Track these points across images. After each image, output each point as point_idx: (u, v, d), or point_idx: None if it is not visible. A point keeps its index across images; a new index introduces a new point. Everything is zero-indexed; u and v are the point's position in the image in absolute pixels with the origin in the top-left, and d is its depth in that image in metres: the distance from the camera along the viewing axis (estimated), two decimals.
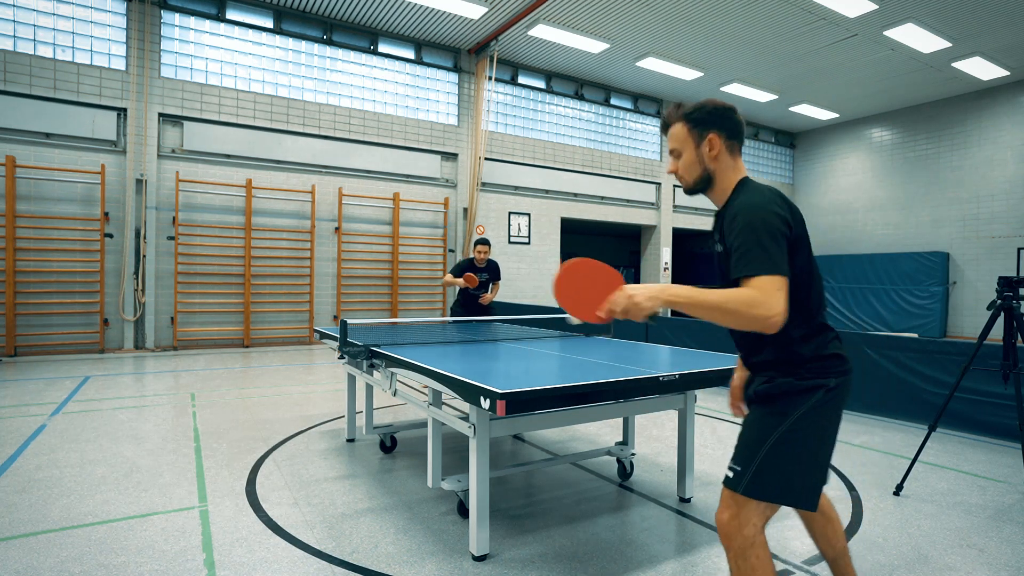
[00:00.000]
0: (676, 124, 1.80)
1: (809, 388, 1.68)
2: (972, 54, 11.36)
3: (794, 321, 1.66)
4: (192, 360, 8.30)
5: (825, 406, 1.69)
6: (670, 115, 1.82)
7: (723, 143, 1.75)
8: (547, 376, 2.59)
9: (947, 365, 5.00)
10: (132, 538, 2.68)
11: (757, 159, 17.00)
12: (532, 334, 4.52)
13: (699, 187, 1.81)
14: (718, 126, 1.75)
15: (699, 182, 1.80)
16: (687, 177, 1.81)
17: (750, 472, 1.65)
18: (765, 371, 1.76)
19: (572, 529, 2.88)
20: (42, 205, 8.46)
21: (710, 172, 1.77)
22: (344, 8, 10.14)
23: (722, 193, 1.78)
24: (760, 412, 1.72)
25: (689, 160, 1.79)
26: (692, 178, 1.80)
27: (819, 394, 1.68)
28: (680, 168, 1.82)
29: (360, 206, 10.93)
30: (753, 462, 1.66)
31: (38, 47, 8.46)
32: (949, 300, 13.86)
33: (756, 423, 1.72)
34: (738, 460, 1.69)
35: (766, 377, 1.75)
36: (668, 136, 1.84)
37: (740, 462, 1.69)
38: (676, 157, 1.82)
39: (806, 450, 1.67)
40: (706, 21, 10.32)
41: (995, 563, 2.57)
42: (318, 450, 4.13)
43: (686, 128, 1.79)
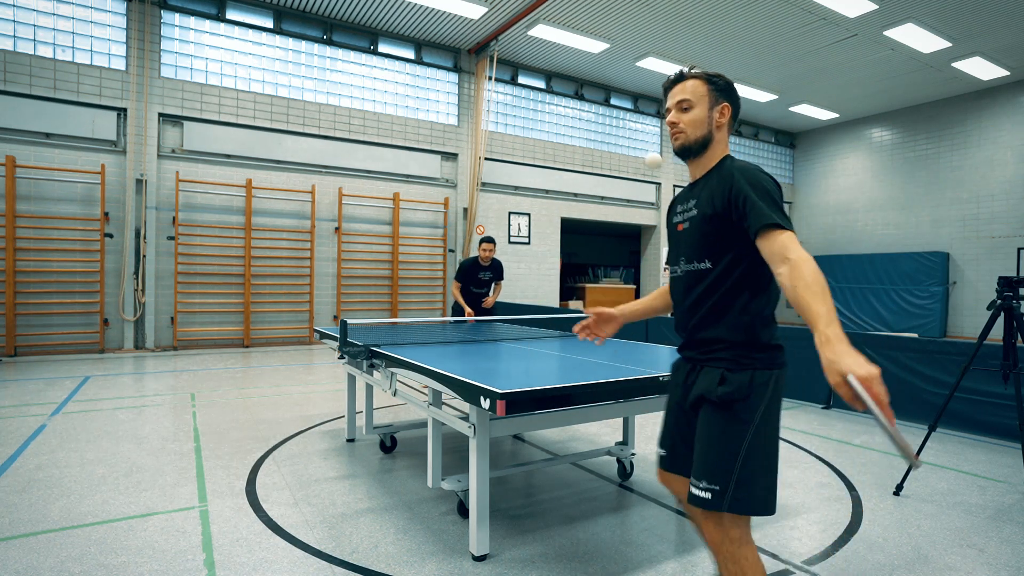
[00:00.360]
0: (695, 80, 1.79)
1: (763, 383, 1.65)
2: (972, 54, 11.36)
3: (760, 301, 1.68)
4: (192, 360, 8.31)
5: (774, 400, 1.67)
6: (690, 72, 1.81)
7: (730, 117, 1.80)
8: (547, 376, 2.59)
9: (947, 365, 5.00)
10: (132, 538, 2.68)
11: (757, 159, 16.99)
12: (532, 334, 4.52)
13: (696, 147, 1.78)
14: (731, 100, 1.81)
15: (699, 141, 1.77)
16: (691, 132, 1.77)
17: (731, 489, 1.61)
18: (715, 352, 1.71)
19: (572, 529, 2.88)
20: (42, 205, 8.46)
21: (711, 136, 1.77)
22: (344, 8, 10.14)
23: (707, 162, 1.79)
24: (721, 418, 1.65)
25: (700, 116, 1.77)
26: (696, 135, 1.77)
27: (771, 388, 1.66)
28: (686, 121, 1.77)
29: (360, 206, 10.94)
30: (731, 478, 1.61)
31: (38, 47, 8.46)
32: (949, 300, 13.86)
33: (721, 434, 1.64)
34: (712, 478, 1.62)
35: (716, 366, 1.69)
36: (679, 89, 1.80)
37: (715, 480, 1.62)
38: (683, 110, 1.78)
39: (771, 452, 1.66)
40: (706, 21, 10.32)
41: (995, 563, 2.57)
42: (318, 450, 4.13)
43: (706, 87, 1.79)
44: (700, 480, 1.64)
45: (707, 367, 1.72)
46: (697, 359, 1.78)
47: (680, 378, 1.85)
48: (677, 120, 1.78)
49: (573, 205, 13.56)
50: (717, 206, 1.66)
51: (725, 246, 1.68)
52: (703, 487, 1.63)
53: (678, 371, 1.89)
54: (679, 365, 1.90)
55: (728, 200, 1.63)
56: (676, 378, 1.89)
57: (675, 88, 1.82)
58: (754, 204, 1.56)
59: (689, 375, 1.80)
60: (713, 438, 1.65)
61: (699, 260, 1.73)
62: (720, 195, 1.66)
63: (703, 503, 1.63)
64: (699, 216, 1.73)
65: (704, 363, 1.74)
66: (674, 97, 1.81)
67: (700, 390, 1.72)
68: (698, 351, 1.77)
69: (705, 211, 1.71)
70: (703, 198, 1.73)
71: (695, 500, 1.65)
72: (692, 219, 1.76)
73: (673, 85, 1.84)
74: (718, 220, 1.67)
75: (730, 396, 1.63)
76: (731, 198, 1.62)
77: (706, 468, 1.64)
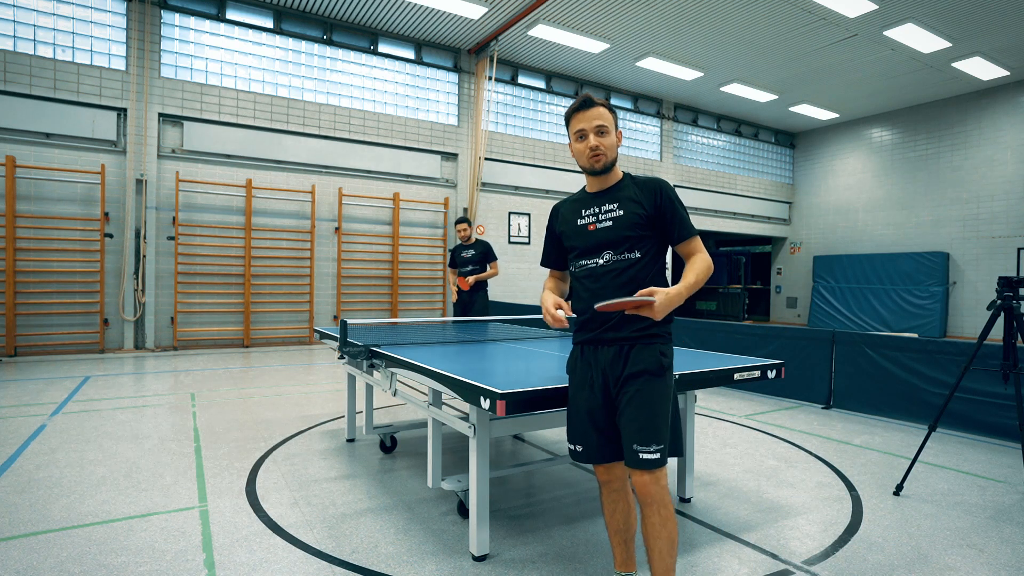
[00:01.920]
0: (603, 108, 2.07)
1: (672, 351, 2.10)
2: (972, 54, 11.36)
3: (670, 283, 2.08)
4: (192, 360, 8.31)
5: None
6: (594, 99, 2.07)
7: None
8: (547, 376, 2.60)
9: (947, 365, 5.00)
10: (132, 538, 2.68)
11: (757, 159, 17.00)
12: (532, 334, 4.53)
13: (610, 166, 2.10)
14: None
15: (613, 161, 2.10)
16: (610, 155, 2.07)
17: (667, 447, 1.97)
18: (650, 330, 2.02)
19: (572, 529, 2.88)
20: (42, 205, 8.46)
21: (615, 158, 2.11)
22: (344, 8, 10.14)
23: (613, 176, 2.13)
24: (653, 385, 1.98)
25: (613, 140, 2.08)
26: (612, 156, 2.08)
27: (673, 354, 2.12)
28: (607, 145, 2.05)
29: (360, 206, 10.93)
30: (665, 437, 1.97)
31: (38, 47, 8.46)
32: (949, 300, 13.86)
33: (656, 399, 1.97)
34: (655, 440, 1.93)
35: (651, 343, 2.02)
36: (594, 115, 2.05)
37: (661, 439, 1.95)
38: (600, 134, 2.05)
39: (676, 405, 2.11)
40: (706, 21, 10.32)
41: (995, 563, 2.57)
42: (318, 450, 4.13)
43: (612, 116, 2.10)
44: (649, 445, 1.93)
45: (640, 344, 2.02)
46: (627, 339, 2.03)
47: (602, 363, 2.06)
48: (598, 144, 2.05)
49: None
50: (648, 208, 2.05)
51: (649, 239, 2.07)
52: (653, 450, 1.93)
53: (594, 356, 2.08)
54: (594, 351, 2.09)
55: (656, 206, 2.05)
56: (592, 367, 2.08)
57: (588, 112, 2.06)
58: (682, 219, 2.07)
59: (617, 357, 2.03)
60: (655, 405, 1.96)
61: (629, 251, 2.06)
62: (648, 201, 2.05)
63: (655, 464, 1.93)
64: (627, 216, 2.05)
65: (636, 341, 2.03)
66: (590, 121, 2.05)
67: (640, 366, 1.99)
68: (630, 330, 2.03)
69: (635, 211, 2.05)
70: (626, 202, 2.07)
71: (647, 463, 1.92)
72: (617, 219, 2.07)
73: (584, 109, 2.07)
74: (647, 219, 2.05)
75: (663, 365, 2.01)
76: (659, 204, 2.05)
77: (653, 433, 1.94)
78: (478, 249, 6.34)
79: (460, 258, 6.41)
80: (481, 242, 6.38)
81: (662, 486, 1.95)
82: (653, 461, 1.92)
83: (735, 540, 2.77)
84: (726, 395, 6.41)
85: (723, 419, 5.28)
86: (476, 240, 6.41)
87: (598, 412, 2.06)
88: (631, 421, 1.95)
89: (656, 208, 2.05)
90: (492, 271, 6.32)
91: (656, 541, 1.96)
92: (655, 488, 1.94)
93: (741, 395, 6.43)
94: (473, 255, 6.33)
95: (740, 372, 2.74)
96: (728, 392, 6.55)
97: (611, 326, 2.05)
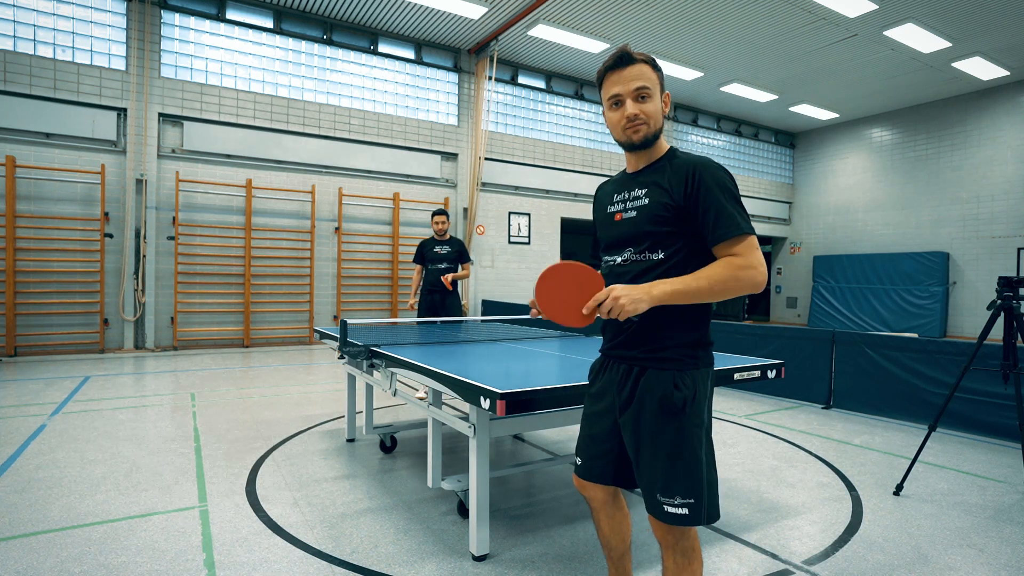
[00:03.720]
0: (645, 65, 1.61)
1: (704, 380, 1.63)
2: (972, 54, 11.36)
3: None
4: (192, 360, 8.30)
5: (711, 397, 1.67)
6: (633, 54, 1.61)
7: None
8: (547, 376, 2.60)
9: (947, 365, 5.00)
10: (132, 538, 2.68)
11: (757, 159, 17.00)
12: (532, 334, 4.52)
13: (652, 140, 1.65)
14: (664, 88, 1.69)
15: (657, 133, 1.65)
16: (653, 124, 1.62)
17: (706, 500, 1.57)
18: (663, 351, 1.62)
19: (572, 529, 2.88)
20: (42, 205, 8.46)
21: (663, 127, 1.66)
22: (344, 8, 10.14)
23: (655, 152, 1.69)
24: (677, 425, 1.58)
25: (658, 108, 1.63)
26: (657, 127, 1.64)
27: (710, 386, 1.66)
28: (649, 112, 1.61)
29: (360, 206, 10.93)
30: (703, 489, 1.57)
31: (38, 47, 8.46)
32: (949, 300, 13.86)
33: (682, 442, 1.57)
34: (686, 492, 1.55)
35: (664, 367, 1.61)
36: (633, 74, 1.59)
37: (690, 493, 1.55)
38: (640, 99, 1.60)
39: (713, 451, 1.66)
40: (706, 21, 10.32)
41: (995, 563, 2.57)
42: (318, 450, 4.13)
43: (656, 74, 1.63)
44: (672, 496, 1.55)
45: (652, 369, 1.63)
46: (638, 359, 1.66)
47: (613, 381, 1.73)
48: (638, 112, 1.60)
49: (573, 205, 13.56)
50: (676, 197, 1.58)
51: (678, 237, 1.61)
52: (678, 503, 1.55)
53: (607, 373, 1.76)
54: (607, 367, 1.77)
55: (687, 194, 1.57)
56: (605, 382, 1.76)
57: (625, 72, 1.60)
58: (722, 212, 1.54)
59: (625, 380, 1.68)
60: (675, 446, 1.57)
61: (651, 251, 1.63)
62: (678, 187, 1.58)
63: (680, 520, 1.55)
64: (650, 205, 1.62)
65: (647, 364, 1.64)
66: (628, 83, 1.59)
67: (647, 398, 1.61)
68: (640, 350, 1.65)
69: (661, 199, 1.61)
70: (654, 188, 1.63)
71: (670, 518, 1.56)
72: (640, 208, 1.65)
73: (620, 68, 1.61)
74: (674, 211, 1.59)
75: (684, 400, 1.58)
76: (692, 192, 1.57)
77: (677, 482, 1.56)
78: (454, 247, 5.78)
79: (432, 254, 5.74)
80: (456, 240, 5.86)
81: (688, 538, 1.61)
82: (681, 517, 1.55)
83: (735, 540, 2.77)
84: (726, 395, 6.41)
85: (723, 419, 5.28)
86: (450, 237, 5.84)
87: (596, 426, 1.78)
88: (649, 467, 1.60)
89: (686, 196, 1.57)
90: (465, 272, 5.80)
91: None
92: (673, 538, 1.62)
93: (741, 395, 6.43)
94: (448, 252, 5.74)
95: (740, 372, 2.74)
96: (728, 392, 6.55)
97: (623, 340, 1.69)
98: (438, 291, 5.73)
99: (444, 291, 5.73)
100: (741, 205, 1.57)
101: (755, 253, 1.53)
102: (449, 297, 5.76)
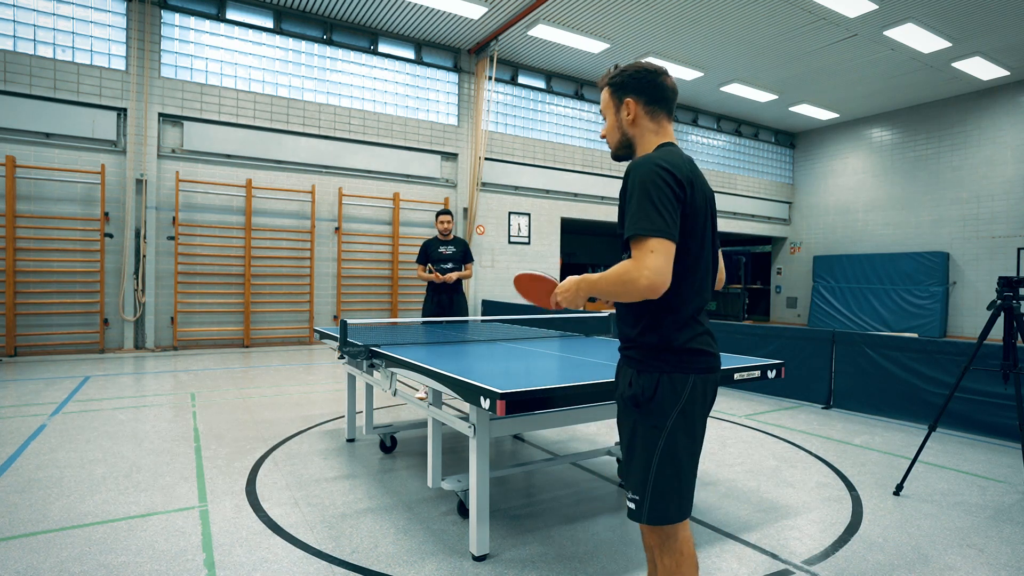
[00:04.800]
0: (603, 90, 1.80)
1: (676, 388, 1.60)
2: (972, 54, 11.36)
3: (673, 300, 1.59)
4: (192, 360, 8.30)
5: (692, 405, 1.61)
6: (601, 81, 1.81)
7: (641, 107, 1.70)
8: (547, 376, 2.60)
9: (947, 365, 5.00)
10: (132, 538, 2.68)
11: (757, 159, 17.00)
12: (532, 334, 4.53)
13: (621, 153, 1.79)
14: (636, 91, 1.71)
15: (620, 147, 1.78)
16: (612, 140, 1.79)
17: (648, 500, 1.61)
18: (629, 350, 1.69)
19: (572, 529, 2.88)
20: (42, 205, 8.46)
21: (629, 137, 1.74)
22: (344, 8, 10.14)
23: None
24: (632, 423, 1.64)
25: (611, 125, 1.78)
26: (613, 142, 1.79)
27: (686, 393, 1.60)
28: (606, 132, 1.81)
29: (360, 206, 10.93)
30: (647, 489, 1.61)
31: (38, 47, 8.46)
32: (949, 300, 13.86)
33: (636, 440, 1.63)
34: (635, 488, 1.63)
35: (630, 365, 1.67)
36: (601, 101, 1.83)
37: (637, 490, 1.62)
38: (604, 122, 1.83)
39: (684, 460, 1.62)
40: (706, 21, 10.31)
41: (995, 563, 2.57)
42: (318, 450, 4.13)
43: (609, 92, 1.78)
44: (627, 490, 1.66)
45: (623, 365, 1.72)
46: (621, 353, 1.76)
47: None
48: (603, 133, 1.83)
49: (573, 205, 13.56)
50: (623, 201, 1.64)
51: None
52: (630, 496, 1.65)
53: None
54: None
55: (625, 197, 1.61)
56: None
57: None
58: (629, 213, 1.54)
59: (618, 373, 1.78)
60: (631, 444, 1.65)
61: (625, 250, 1.63)
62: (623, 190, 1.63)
63: (632, 514, 1.64)
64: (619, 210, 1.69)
65: (623, 360, 1.73)
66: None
67: (618, 388, 1.71)
68: (620, 347, 1.76)
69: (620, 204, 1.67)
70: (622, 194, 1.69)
71: (629, 510, 1.66)
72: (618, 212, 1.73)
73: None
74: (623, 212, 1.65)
75: (635, 399, 1.62)
76: (625, 195, 1.61)
77: (629, 476, 1.65)
78: (459, 247, 5.82)
79: (437, 254, 5.78)
80: (460, 239, 5.89)
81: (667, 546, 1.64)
82: (630, 511, 1.65)
83: (735, 540, 2.77)
84: (726, 395, 6.41)
85: (723, 419, 5.28)
86: (454, 237, 5.89)
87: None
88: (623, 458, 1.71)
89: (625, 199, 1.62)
90: (468, 272, 5.84)
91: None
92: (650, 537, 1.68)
93: (741, 395, 6.43)
94: (454, 252, 5.79)
95: (740, 372, 2.74)
96: (728, 392, 6.55)
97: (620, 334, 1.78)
98: (446, 292, 5.78)
99: (452, 292, 5.79)
100: (651, 204, 1.50)
101: (645, 256, 1.47)
102: (457, 297, 5.82)
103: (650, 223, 1.48)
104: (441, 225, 5.80)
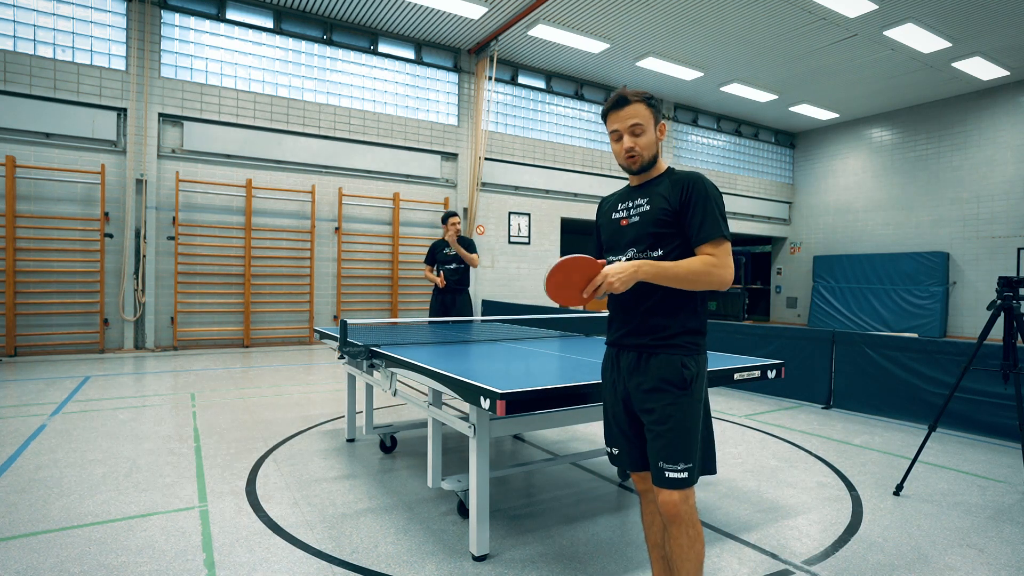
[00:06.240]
0: (639, 104, 1.91)
1: (704, 364, 1.92)
2: (972, 54, 11.36)
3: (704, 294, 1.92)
4: (192, 360, 8.30)
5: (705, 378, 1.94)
6: (631, 95, 1.90)
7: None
8: (547, 376, 2.60)
9: (947, 365, 5.00)
10: (132, 538, 2.68)
11: (757, 159, 16.99)
12: (532, 334, 4.53)
13: (649, 165, 1.95)
14: (661, 118, 1.98)
15: (651, 160, 1.95)
16: (646, 154, 1.93)
17: (698, 463, 1.85)
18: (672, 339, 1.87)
19: (572, 529, 2.88)
20: (42, 205, 8.46)
21: (658, 154, 1.96)
22: (344, 8, 10.14)
23: (654, 172, 1.98)
24: (679, 402, 1.83)
25: (651, 139, 1.93)
26: (650, 155, 1.94)
27: (705, 369, 1.93)
28: (642, 145, 1.92)
29: (360, 206, 10.93)
30: (695, 455, 1.83)
31: (38, 47, 8.46)
32: (949, 300, 13.86)
33: (683, 416, 1.83)
34: (687, 458, 1.81)
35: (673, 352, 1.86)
36: (629, 113, 1.90)
37: (689, 458, 1.82)
38: (635, 134, 1.91)
39: (710, 420, 1.97)
40: (706, 21, 10.31)
41: (995, 563, 2.57)
42: (318, 450, 4.13)
43: (650, 111, 1.93)
44: (676, 463, 1.81)
45: (663, 353, 1.87)
46: (647, 346, 1.89)
47: (623, 370, 1.95)
48: (633, 144, 1.91)
49: (573, 205, 13.56)
50: (673, 203, 1.87)
51: (673, 238, 1.89)
52: (680, 469, 1.81)
53: (617, 361, 1.98)
54: (617, 355, 1.99)
55: (682, 201, 1.86)
56: (616, 371, 1.99)
57: (622, 112, 1.91)
58: (707, 217, 1.83)
59: (636, 366, 1.91)
60: (682, 422, 1.83)
61: (651, 249, 1.90)
62: (675, 195, 1.88)
63: (682, 483, 1.81)
64: (652, 211, 1.90)
65: (657, 350, 1.88)
66: (624, 121, 1.91)
67: (659, 380, 1.85)
68: (651, 338, 1.89)
69: (661, 205, 1.89)
70: (656, 197, 1.91)
71: (674, 483, 1.81)
72: (643, 214, 1.93)
73: (618, 109, 1.93)
74: (672, 215, 1.88)
75: (686, 378, 1.85)
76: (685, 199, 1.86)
77: (680, 451, 1.82)
78: (463, 245, 5.86)
79: (443, 255, 5.89)
80: (464, 238, 5.91)
81: (690, 505, 1.84)
82: (680, 480, 1.80)
83: (735, 540, 2.77)
84: (726, 395, 6.41)
85: (723, 419, 5.28)
86: (460, 236, 5.90)
87: (622, 419, 1.98)
88: (656, 438, 1.84)
89: (681, 202, 1.86)
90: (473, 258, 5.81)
91: (684, 563, 1.84)
92: (683, 508, 1.82)
93: (741, 395, 6.43)
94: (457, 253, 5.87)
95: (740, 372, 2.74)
96: (728, 392, 6.55)
97: (631, 330, 1.93)
98: (450, 292, 5.87)
99: (456, 291, 5.88)
100: (724, 216, 1.86)
101: (727, 257, 1.83)
102: (460, 297, 5.90)
103: (727, 229, 1.85)
104: (453, 228, 5.79)
